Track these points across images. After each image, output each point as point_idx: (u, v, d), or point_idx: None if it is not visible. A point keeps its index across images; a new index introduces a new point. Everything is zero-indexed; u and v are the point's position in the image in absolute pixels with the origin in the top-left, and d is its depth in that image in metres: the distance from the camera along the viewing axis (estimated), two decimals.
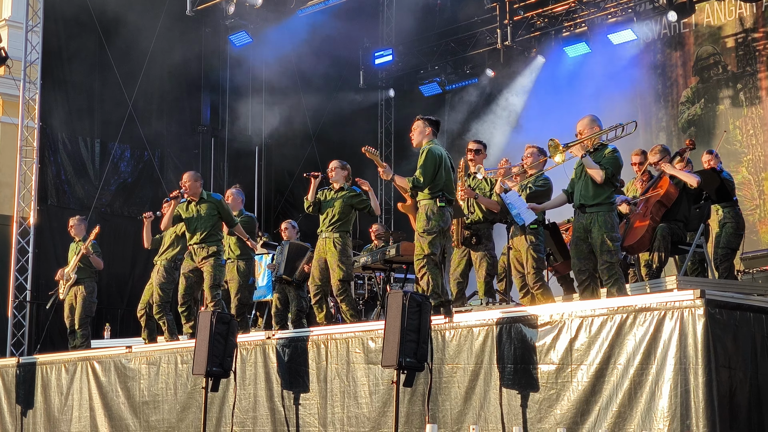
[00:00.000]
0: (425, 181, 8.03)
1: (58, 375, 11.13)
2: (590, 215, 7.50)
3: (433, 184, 8.06)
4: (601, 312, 6.44)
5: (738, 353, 5.98)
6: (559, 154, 7.57)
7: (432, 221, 7.98)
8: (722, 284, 8.79)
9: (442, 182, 8.08)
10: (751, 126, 14.49)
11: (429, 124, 8.32)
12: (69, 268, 11.91)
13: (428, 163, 8.04)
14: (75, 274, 11.84)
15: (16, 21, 16.11)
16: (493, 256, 8.99)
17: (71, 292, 11.89)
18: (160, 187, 15.83)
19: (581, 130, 7.74)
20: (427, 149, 8.12)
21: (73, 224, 12.18)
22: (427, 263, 7.95)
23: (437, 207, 8.00)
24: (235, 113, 17.61)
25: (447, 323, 7.37)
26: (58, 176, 15.55)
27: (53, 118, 15.44)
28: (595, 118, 7.81)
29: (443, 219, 8.03)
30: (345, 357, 8.07)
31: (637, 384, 6.12)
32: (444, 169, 8.10)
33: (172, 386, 9.72)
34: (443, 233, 8.05)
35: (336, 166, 9.59)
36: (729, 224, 9.86)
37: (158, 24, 15.94)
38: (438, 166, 8.05)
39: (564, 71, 16.03)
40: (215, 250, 9.86)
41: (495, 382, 6.92)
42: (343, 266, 9.16)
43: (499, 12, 16.48)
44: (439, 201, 8.01)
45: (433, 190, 8.05)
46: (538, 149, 8.74)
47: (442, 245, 8.05)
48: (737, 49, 14.81)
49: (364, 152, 8.66)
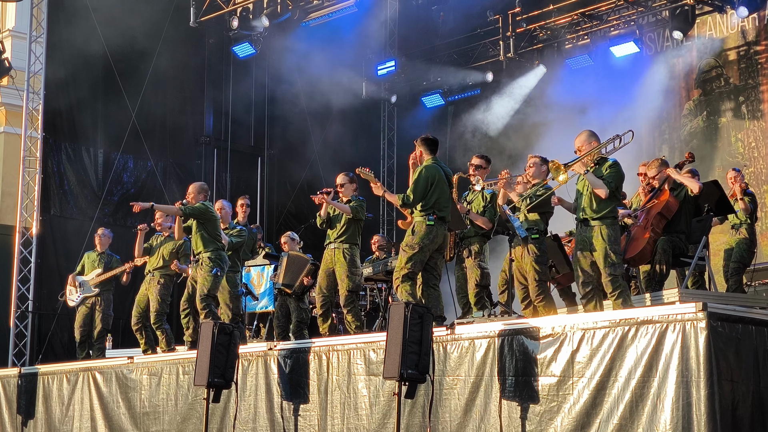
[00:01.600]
0: (415, 198, 8.14)
1: (59, 385, 11.12)
2: (593, 228, 7.53)
3: (424, 202, 8.15)
4: (603, 324, 6.43)
5: (740, 366, 5.96)
6: (561, 174, 7.59)
7: (415, 237, 8.10)
8: (725, 297, 8.79)
9: (434, 200, 8.17)
10: (753, 138, 14.50)
11: (426, 144, 8.42)
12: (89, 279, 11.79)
13: (420, 181, 8.15)
14: (97, 287, 11.81)
15: (20, 31, 16.15)
16: (483, 267, 9.07)
17: (88, 303, 11.83)
18: (163, 198, 15.83)
19: (579, 146, 7.80)
20: (423, 168, 8.23)
21: (101, 235, 12.15)
22: (403, 277, 8.11)
23: (425, 224, 8.11)
24: (238, 124, 17.64)
25: (449, 335, 7.37)
26: (61, 186, 15.56)
27: (57, 128, 15.46)
28: (593, 133, 7.85)
29: (429, 236, 8.10)
30: (346, 368, 8.06)
31: (638, 397, 6.11)
32: (438, 188, 8.17)
33: (173, 397, 9.71)
34: (425, 250, 8.11)
35: (344, 181, 9.62)
36: (744, 241, 9.99)
37: (162, 35, 15.98)
38: (431, 185, 8.14)
39: (566, 83, 16.04)
40: (205, 259, 9.80)
41: (495, 394, 6.91)
42: (352, 277, 9.21)
43: (501, 24, 16.51)
44: (428, 219, 8.13)
45: (425, 208, 8.16)
46: (540, 159, 8.75)
47: (423, 261, 8.14)
48: (739, 61, 14.82)
49: (358, 173, 8.86)
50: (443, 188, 8.23)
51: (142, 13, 15.53)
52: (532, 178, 8.68)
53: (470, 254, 9.06)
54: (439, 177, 8.20)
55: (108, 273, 11.83)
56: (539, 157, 8.80)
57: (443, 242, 8.27)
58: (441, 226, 8.18)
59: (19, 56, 15.25)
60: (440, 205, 8.19)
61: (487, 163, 9.34)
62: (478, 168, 9.20)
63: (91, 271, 11.94)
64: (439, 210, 8.18)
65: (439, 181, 8.19)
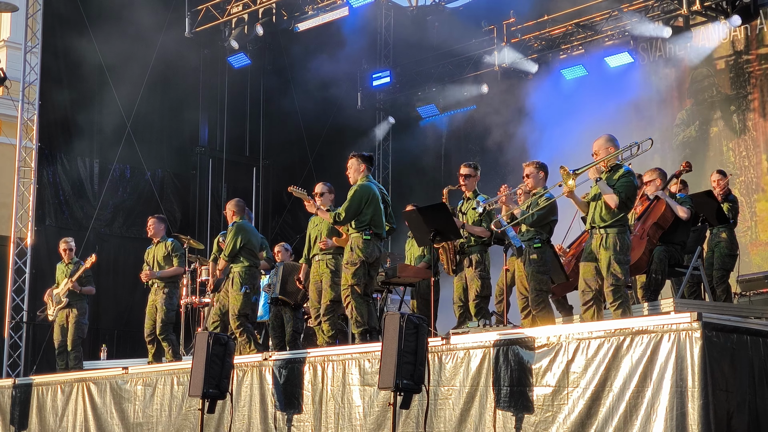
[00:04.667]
0: (346, 217, 8.54)
1: (53, 396, 11.09)
2: (600, 236, 7.46)
3: (359, 220, 8.53)
4: (598, 334, 6.43)
5: (735, 376, 5.96)
6: (571, 180, 7.44)
7: (355, 253, 8.49)
8: (719, 307, 8.79)
9: (368, 217, 8.55)
10: (744, 148, 14.53)
11: (362, 160, 8.78)
12: (60, 291, 11.88)
13: (354, 200, 8.54)
14: (66, 297, 11.84)
15: (14, 42, 16.17)
16: (485, 277, 9.02)
17: (62, 314, 11.88)
18: (159, 208, 15.83)
19: (596, 150, 7.63)
20: (356, 187, 8.61)
21: (65, 246, 12.19)
22: (351, 293, 8.48)
23: (362, 240, 8.51)
24: (233, 134, 17.65)
25: (444, 345, 7.36)
26: (56, 197, 15.54)
27: (51, 138, 15.46)
28: (611, 138, 7.66)
29: (367, 251, 8.48)
30: (341, 378, 8.05)
31: (632, 407, 6.10)
32: (372, 205, 8.55)
33: (167, 408, 9.68)
34: (366, 265, 8.51)
35: (323, 190, 9.44)
36: (722, 245, 9.88)
37: (157, 45, 16.00)
38: (365, 203, 8.51)
39: (561, 93, 16.08)
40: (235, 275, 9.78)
41: (490, 404, 6.90)
42: (334, 287, 9.09)
43: (496, 34, 16.58)
44: (364, 234, 8.52)
45: (359, 225, 8.54)
46: (535, 166, 8.52)
47: (366, 276, 8.52)
48: (731, 71, 14.87)
49: (290, 191, 9.15)
50: (377, 205, 8.60)
51: (137, 23, 15.56)
52: (532, 188, 8.55)
53: (471, 264, 9.02)
54: (373, 195, 8.57)
55: (71, 279, 11.80)
56: (535, 163, 8.56)
57: (379, 258, 8.69)
58: (377, 242, 8.58)
59: (13, 66, 15.24)
60: (376, 222, 8.59)
61: (474, 170, 9.24)
62: (467, 177, 9.17)
63: (62, 282, 11.97)
64: (375, 226, 8.57)
65: (374, 198, 8.57)
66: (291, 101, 17.63)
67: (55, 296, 11.93)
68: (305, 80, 17.44)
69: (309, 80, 17.45)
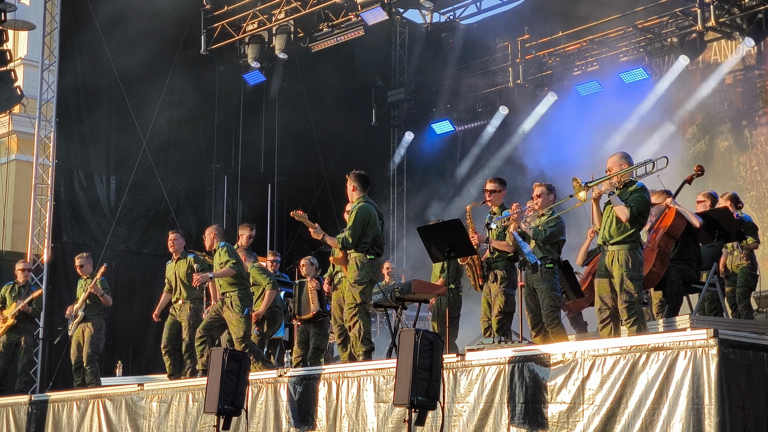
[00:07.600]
0: (353, 241, 8.61)
1: (69, 412, 11.11)
2: (612, 252, 7.49)
3: (361, 241, 8.62)
4: (614, 351, 6.40)
5: (752, 393, 5.92)
6: (582, 192, 7.51)
7: (362, 272, 8.57)
8: (736, 323, 8.72)
9: (371, 238, 8.65)
10: (755, 162, 14.48)
11: (359, 180, 8.82)
12: (77, 306, 11.94)
13: (357, 223, 8.62)
14: (83, 311, 11.88)
15: (32, 60, 16.32)
16: (509, 293, 8.97)
17: (78, 329, 11.93)
18: (174, 224, 15.88)
19: (610, 167, 7.69)
20: (357, 209, 8.67)
21: (80, 261, 12.23)
22: (358, 312, 8.56)
23: (367, 259, 8.60)
24: (248, 150, 17.71)
25: (459, 362, 7.34)
26: (73, 213, 15.62)
27: (68, 155, 15.55)
28: (625, 155, 7.76)
29: (372, 270, 8.64)
30: (355, 395, 8.04)
31: (648, 424, 6.07)
32: (373, 226, 8.65)
33: (181, 424, 9.69)
34: (373, 283, 8.72)
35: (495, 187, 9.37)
36: (746, 265, 9.90)
37: (173, 62, 16.10)
38: (366, 224, 8.61)
39: (575, 109, 16.08)
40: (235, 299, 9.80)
41: (505, 422, 6.88)
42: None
43: (510, 51, 16.61)
44: (368, 254, 8.62)
45: (362, 246, 8.63)
46: (546, 187, 8.69)
47: (371, 294, 8.74)
48: (742, 86, 14.83)
49: (292, 216, 9.19)
50: (377, 226, 8.69)
51: (153, 41, 15.65)
52: (540, 208, 8.63)
53: (495, 279, 8.93)
54: (373, 216, 8.66)
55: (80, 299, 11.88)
56: (545, 185, 8.75)
57: (376, 277, 8.85)
58: (377, 262, 8.73)
59: (31, 84, 15.39)
60: (377, 242, 8.70)
61: (501, 186, 9.17)
62: (492, 192, 9.10)
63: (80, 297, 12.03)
64: (377, 247, 8.70)
65: (374, 219, 8.66)
66: (306, 117, 17.68)
67: (74, 311, 11.97)
68: (320, 96, 17.51)
69: (324, 96, 17.51)
